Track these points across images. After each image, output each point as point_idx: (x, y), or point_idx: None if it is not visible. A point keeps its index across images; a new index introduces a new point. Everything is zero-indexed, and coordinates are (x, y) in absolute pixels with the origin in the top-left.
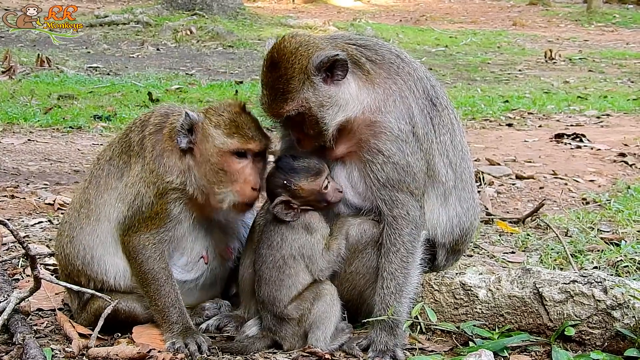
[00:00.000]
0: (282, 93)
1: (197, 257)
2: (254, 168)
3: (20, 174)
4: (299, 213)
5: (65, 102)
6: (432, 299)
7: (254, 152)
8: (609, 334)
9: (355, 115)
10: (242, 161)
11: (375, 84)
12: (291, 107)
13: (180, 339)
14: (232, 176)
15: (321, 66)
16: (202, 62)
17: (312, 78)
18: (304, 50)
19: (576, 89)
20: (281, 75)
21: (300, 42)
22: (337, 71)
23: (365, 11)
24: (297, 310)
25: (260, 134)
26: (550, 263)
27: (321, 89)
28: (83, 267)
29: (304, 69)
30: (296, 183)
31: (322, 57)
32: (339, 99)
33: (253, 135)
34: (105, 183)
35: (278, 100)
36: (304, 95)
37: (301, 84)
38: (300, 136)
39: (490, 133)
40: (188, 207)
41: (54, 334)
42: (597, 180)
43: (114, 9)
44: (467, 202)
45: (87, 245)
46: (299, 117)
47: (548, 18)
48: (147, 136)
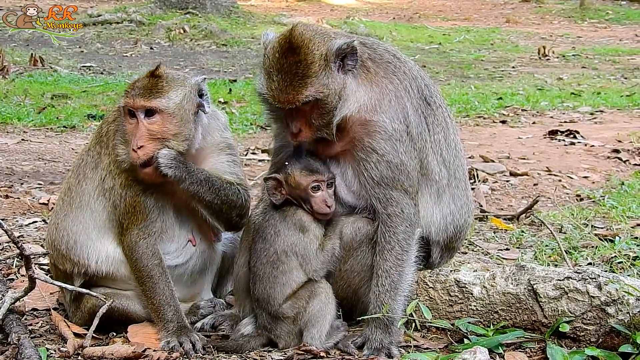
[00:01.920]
0: (300, 78)
1: (185, 240)
2: (139, 128)
3: (14, 173)
4: (282, 197)
5: (59, 101)
6: (427, 296)
7: (136, 110)
8: (603, 330)
9: (351, 113)
10: (132, 121)
11: (373, 83)
12: (310, 92)
13: (175, 338)
14: (125, 138)
15: (339, 53)
16: (195, 60)
17: (331, 65)
18: (320, 37)
19: (570, 86)
20: (300, 60)
21: (315, 30)
22: (348, 61)
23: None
24: (292, 309)
25: (145, 93)
26: (545, 260)
27: (337, 77)
28: (67, 251)
29: (324, 55)
30: (292, 169)
31: (341, 44)
32: (348, 90)
33: (135, 92)
34: (84, 172)
35: (296, 85)
36: (323, 81)
37: (321, 70)
38: (303, 127)
39: (484, 130)
40: (161, 193)
41: (49, 334)
42: (591, 177)
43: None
44: (460, 200)
45: (70, 231)
46: (308, 106)
47: (541, 15)
48: (110, 126)
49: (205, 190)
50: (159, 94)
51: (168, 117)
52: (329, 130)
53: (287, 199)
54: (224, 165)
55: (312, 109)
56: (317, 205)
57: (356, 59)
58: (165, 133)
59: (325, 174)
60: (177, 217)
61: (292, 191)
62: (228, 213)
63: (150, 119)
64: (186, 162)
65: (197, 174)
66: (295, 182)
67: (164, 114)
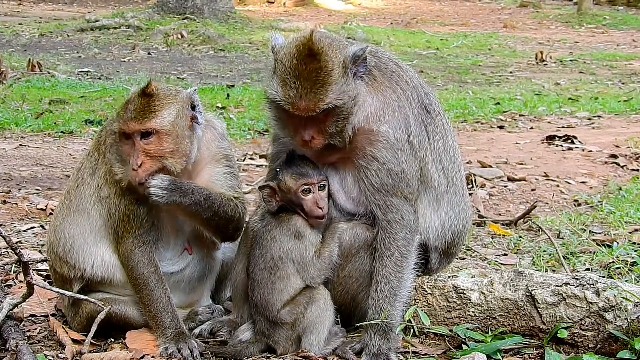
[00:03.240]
0: (321, 85)
1: (181, 249)
2: (135, 149)
3: (12, 179)
4: (277, 204)
5: (56, 106)
6: (425, 302)
7: (131, 134)
8: (601, 336)
9: (360, 121)
10: (127, 142)
11: (378, 91)
12: (330, 99)
13: (173, 344)
14: (122, 157)
15: (355, 60)
16: (193, 65)
17: (348, 72)
18: (337, 45)
19: (567, 91)
20: (321, 67)
21: (331, 37)
22: (359, 68)
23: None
24: (291, 315)
25: (138, 115)
26: (543, 265)
27: (352, 84)
28: (64, 254)
29: (342, 62)
30: (283, 174)
31: (357, 50)
32: (360, 97)
33: (128, 116)
34: (82, 177)
35: (317, 92)
36: (343, 88)
37: (340, 76)
38: (316, 134)
39: (482, 135)
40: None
41: (47, 340)
42: (588, 182)
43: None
44: (458, 206)
45: (67, 234)
46: (324, 113)
47: (538, 20)
48: (109, 136)
49: (203, 210)
50: (152, 115)
51: (164, 136)
52: (341, 137)
53: (283, 205)
54: (221, 178)
55: (328, 116)
56: (309, 208)
57: (366, 65)
58: (163, 151)
59: (316, 177)
60: (173, 226)
61: (285, 196)
62: (224, 227)
63: (146, 140)
64: (181, 185)
65: (194, 194)
66: (286, 187)
67: (160, 133)
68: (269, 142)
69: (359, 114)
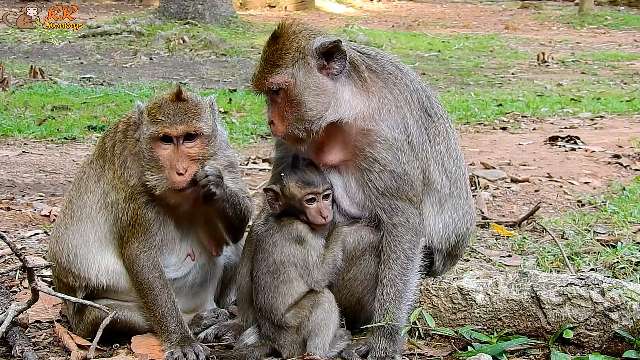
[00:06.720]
0: (271, 65)
1: (185, 254)
2: (179, 153)
3: (15, 185)
4: (280, 208)
5: (59, 113)
6: (430, 304)
7: (178, 137)
8: (607, 336)
9: (347, 121)
10: (167, 146)
11: (370, 93)
12: (275, 80)
13: (179, 349)
14: (160, 162)
15: (320, 50)
16: (195, 70)
17: (308, 59)
18: (307, 33)
19: (569, 92)
20: (277, 49)
21: (305, 26)
22: (334, 64)
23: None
24: (295, 318)
25: (184, 118)
26: (547, 266)
27: (313, 74)
28: (68, 264)
29: (302, 48)
30: (287, 180)
31: (323, 41)
32: (330, 94)
33: (173, 119)
34: (85, 185)
35: (265, 71)
36: (292, 72)
37: (294, 61)
38: (275, 118)
39: (485, 137)
40: (163, 207)
41: (53, 346)
42: (592, 182)
43: (106, 19)
44: (462, 209)
45: (70, 244)
46: (283, 96)
47: (540, 21)
48: (117, 143)
49: (229, 206)
50: (197, 117)
51: (206, 139)
52: (302, 126)
53: (285, 209)
54: (229, 183)
55: (283, 100)
56: (312, 217)
57: (344, 64)
58: (204, 154)
59: (321, 186)
60: (178, 231)
61: (288, 202)
62: (240, 226)
63: (189, 143)
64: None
65: (227, 190)
66: (290, 194)
67: (203, 136)
68: (272, 147)
69: (340, 113)
